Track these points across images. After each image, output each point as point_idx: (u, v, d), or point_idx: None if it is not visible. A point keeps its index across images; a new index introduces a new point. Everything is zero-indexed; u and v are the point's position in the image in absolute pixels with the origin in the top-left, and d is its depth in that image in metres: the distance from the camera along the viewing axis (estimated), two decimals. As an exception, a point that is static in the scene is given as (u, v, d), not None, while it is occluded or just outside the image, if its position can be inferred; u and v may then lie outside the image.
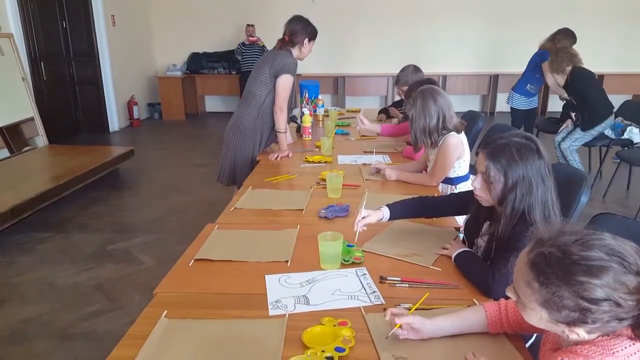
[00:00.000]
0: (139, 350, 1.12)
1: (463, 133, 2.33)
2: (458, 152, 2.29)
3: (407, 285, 1.42)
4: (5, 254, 3.25)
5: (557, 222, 0.95)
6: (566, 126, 4.40)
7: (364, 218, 1.65)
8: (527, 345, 1.29)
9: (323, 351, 1.10)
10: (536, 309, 0.87)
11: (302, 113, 3.53)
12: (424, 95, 2.23)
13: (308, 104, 4.00)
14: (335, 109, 4.15)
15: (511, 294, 0.94)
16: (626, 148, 4.33)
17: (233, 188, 3.11)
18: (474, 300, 1.33)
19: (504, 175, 1.34)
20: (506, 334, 1.19)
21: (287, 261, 1.56)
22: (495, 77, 8.06)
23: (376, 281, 1.44)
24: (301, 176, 2.50)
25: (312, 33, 2.85)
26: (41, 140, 5.14)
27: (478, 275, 1.41)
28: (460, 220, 1.99)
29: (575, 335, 0.85)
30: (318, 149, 3.01)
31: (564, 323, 0.85)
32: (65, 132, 6.28)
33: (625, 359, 0.81)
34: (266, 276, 1.46)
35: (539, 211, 1.33)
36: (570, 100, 4.37)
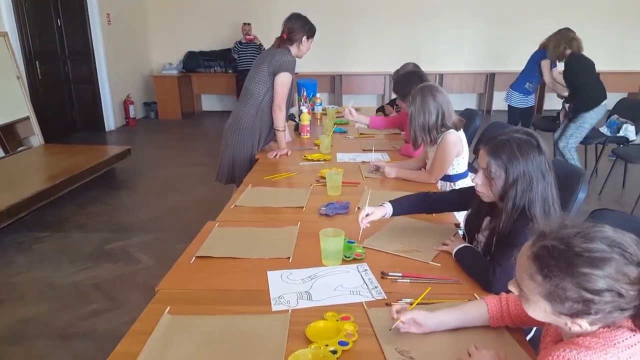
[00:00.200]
0: (143, 346, 1.12)
1: (462, 130, 2.34)
2: (457, 150, 2.30)
3: (409, 280, 1.43)
4: (3, 254, 3.24)
5: (558, 216, 0.95)
6: (564, 119, 4.41)
7: (368, 215, 1.65)
8: (528, 338, 1.30)
9: (327, 345, 1.11)
10: (539, 302, 0.88)
11: (300, 111, 3.53)
12: (423, 92, 2.24)
13: (306, 102, 4.01)
14: (333, 108, 4.15)
15: (513, 288, 0.95)
16: (622, 145, 4.37)
17: (230, 187, 3.11)
18: (475, 295, 1.35)
19: (505, 171, 1.35)
20: (507, 328, 1.20)
21: (289, 258, 1.57)
22: (492, 76, 8.09)
23: (377, 277, 1.45)
24: (300, 174, 2.51)
25: (311, 31, 2.85)
26: (36, 139, 5.11)
27: (478, 270, 1.42)
28: (459, 216, 2.00)
29: (577, 326, 0.86)
30: (317, 147, 3.02)
31: (567, 315, 0.85)
32: (60, 132, 6.25)
33: (626, 350, 0.82)
34: (268, 272, 1.47)
35: (539, 206, 1.34)
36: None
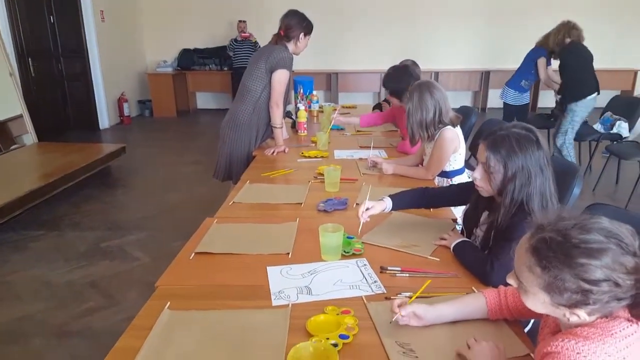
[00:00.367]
0: (143, 341, 1.12)
1: (459, 127, 2.35)
2: (454, 146, 2.32)
3: (407, 275, 1.44)
4: (-3, 252, 3.22)
5: (555, 209, 0.96)
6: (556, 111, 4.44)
7: (368, 209, 1.67)
8: (525, 330, 1.31)
9: (328, 339, 1.11)
10: (538, 294, 0.89)
11: (297, 108, 3.53)
12: (421, 89, 2.24)
13: (303, 100, 4.01)
14: (330, 105, 4.16)
15: (512, 281, 0.95)
16: (615, 142, 4.40)
17: (227, 185, 3.11)
18: (473, 288, 1.36)
19: (504, 165, 1.36)
20: (505, 320, 1.21)
21: (288, 253, 1.57)
22: (487, 74, 8.12)
23: (377, 271, 1.46)
24: (298, 171, 2.51)
25: (308, 27, 2.85)
26: (30, 137, 5.06)
27: (476, 264, 1.43)
28: (456, 212, 2.01)
29: (576, 317, 0.87)
30: (314, 144, 3.02)
31: (566, 306, 0.87)
32: (54, 130, 6.19)
33: (623, 339, 0.83)
34: (268, 268, 1.47)
35: (537, 201, 1.35)
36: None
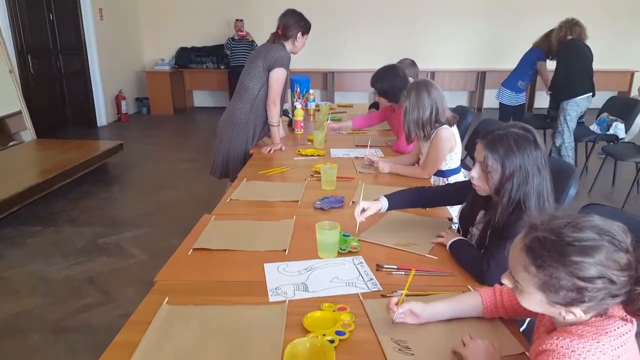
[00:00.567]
0: (142, 335, 1.13)
1: (455, 126, 2.36)
2: (450, 145, 2.33)
3: (404, 272, 1.45)
4: (-6, 248, 3.23)
5: (549, 209, 0.97)
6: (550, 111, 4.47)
7: (364, 210, 1.66)
8: (521, 330, 1.32)
9: (324, 335, 1.12)
10: (534, 293, 0.90)
11: (294, 107, 3.54)
12: (418, 88, 2.26)
13: (299, 98, 4.02)
14: (326, 104, 4.17)
15: (507, 281, 0.96)
16: (612, 143, 4.42)
17: (223, 182, 3.12)
18: (469, 286, 1.37)
19: (502, 165, 1.36)
20: (501, 319, 1.22)
21: (285, 250, 1.58)
22: (482, 74, 8.15)
23: (373, 269, 1.47)
24: (294, 169, 2.52)
25: (306, 27, 2.86)
26: (28, 134, 5.06)
27: (472, 262, 1.44)
28: (452, 211, 2.02)
29: (571, 315, 0.88)
30: (310, 143, 3.03)
31: (562, 304, 0.87)
32: (52, 127, 6.19)
33: (617, 338, 0.85)
34: (265, 265, 1.48)
35: (534, 200, 1.36)
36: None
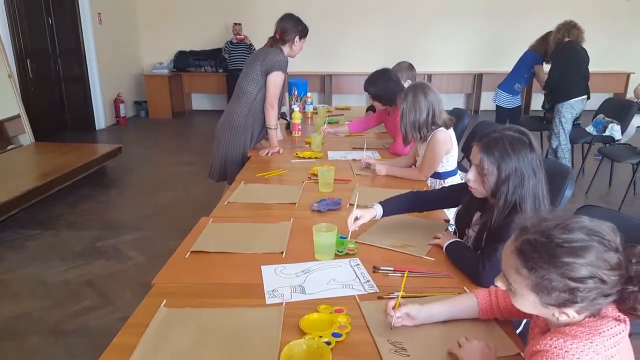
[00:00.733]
0: (140, 338, 1.14)
1: (451, 129, 2.38)
2: (446, 147, 2.35)
3: (400, 274, 1.45)
4: (-7, 251, 3.23)
5: (539, 211, 0.98)
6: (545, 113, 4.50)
7: (357, 219, 1.63)
8: (517, 332, 1.33)
9: (321, 336, 1.13)
10: (527, 295, 0.91)
11: (292, 110, 3.56)
12: (415, 90, 2.27)
13: (297, 101, 4.03)
14: (324, 107, 4.19)
15: (500, 284, 0.97)
16: (608, 145, 4.44)
17: (221, 185, 3.13)
18: (465, 288, 1.38)
19: (498, 167, 1.37)
20: (497, 320, 1.23)
21: (282, 252, 1.59)
22: (479, 76, 8.17)
23: (369, 271, 1.48)
24: (292, 171, 2.53)
25: (303, 31, 2.88)
26: (27, 138, 5.07)
27: (468, 264, 1.46)
28: (449, 213, 2.04)
29: (565, 316, 0.89)
30: (308, 145, 3.04)
31: (555, 305, 0.88)
32: (51, 130, 6.21)
33: (610, 338, 0.85)
34: (262, 267, 1.49)
35: (530, 202, 1.36)
36: None
